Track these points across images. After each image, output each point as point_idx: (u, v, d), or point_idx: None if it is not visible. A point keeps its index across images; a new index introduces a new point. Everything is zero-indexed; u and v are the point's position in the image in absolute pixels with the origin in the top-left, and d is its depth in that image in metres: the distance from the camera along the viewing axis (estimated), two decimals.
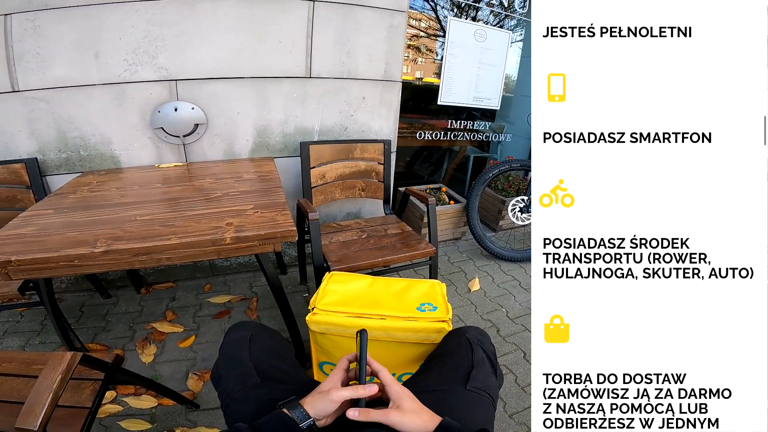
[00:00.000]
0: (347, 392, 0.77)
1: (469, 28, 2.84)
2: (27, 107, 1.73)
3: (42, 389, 0.84)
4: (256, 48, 1.96)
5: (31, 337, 1.89)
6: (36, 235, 1.20)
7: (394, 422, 0.73)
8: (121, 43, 1.74)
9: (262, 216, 1.37)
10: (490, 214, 3.39)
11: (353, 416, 0.74)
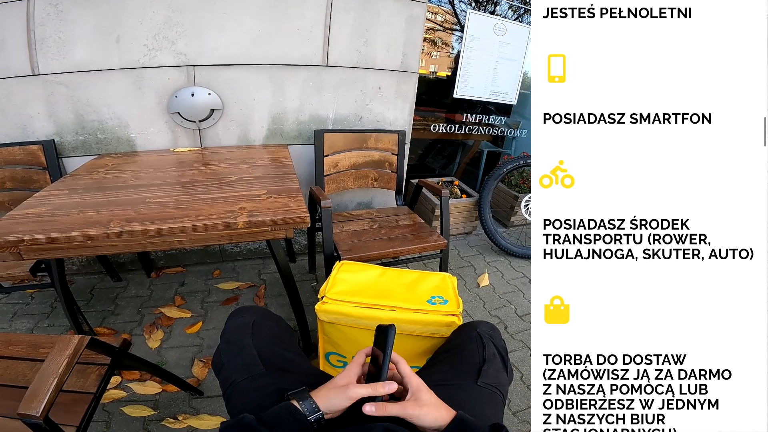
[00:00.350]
0: (365, 390, 0.75)
1: (489, 21, 2.80)
2: (46, 90, 1.74)
3: (47, 374, 0.83)
4: (274, 35, 1.95)
5: (41, 320, 1.91)
6: (50, 215, 1.20)
7: (411, 415, 0.72)
8: (141, 28, 1.75)
9: (275, 201, 1.36)
10: (503, 209, 3.36)
11: (370, 411, 0.72)
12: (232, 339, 0.95)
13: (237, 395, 0.86)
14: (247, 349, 0.91)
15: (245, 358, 0.90)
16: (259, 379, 0.87)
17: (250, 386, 0.86)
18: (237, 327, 0.98)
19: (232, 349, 0.93)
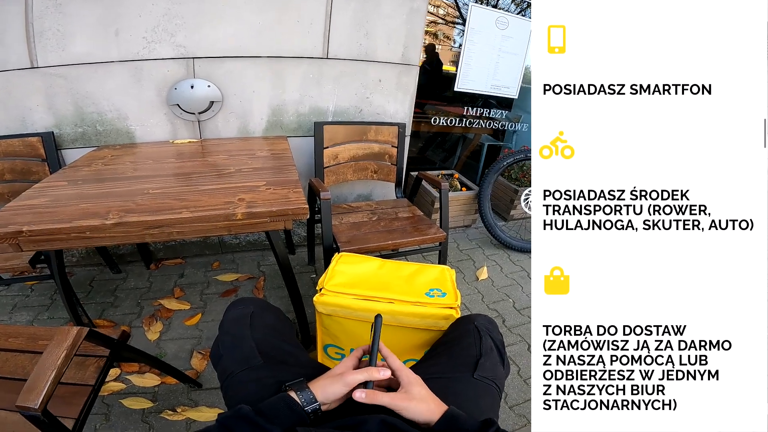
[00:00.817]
0: (361, 375, 0.76)
1: (491, 14, 2.79)
2: (45, 83, 1.74)
3: (45, 366, 0.83)
4: (274, 27, 1.94)
5: (40, 312, 1.91)
6: (48, 206, 1.20)
7: (400, 407, 0.72)
8: (140, 20, 1.74)
9: (275, 193, 1.36)
10: (502, 203, 3.36)
11: (360, 397, 0.73)
12: (230, 331, 0.95)
13: (235, 387, 0.87)
14: (245, 341, 0.91)
15: (243, 349, 0.90)
16: (257, 371, 0.87)
17: (247, 378, 0.86)
18: (235, 318, 0.97)
19: (231, 341, 0.93)
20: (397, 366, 0.79)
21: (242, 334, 0.93)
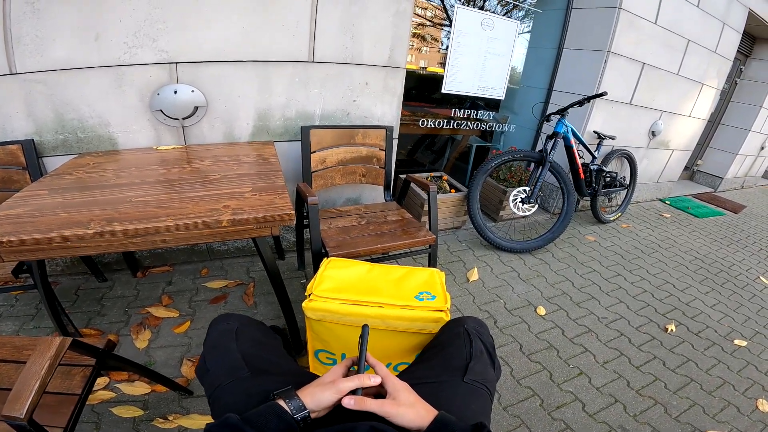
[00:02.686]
0: (352, 382, 0.76)
1: (477, 16, 2.80)
2: (24, 89, 1.70)
3: (29, 376, 0.82)
4: (259, 31, 1.92)
5: (26, 322, 1.87)
6: (29, 216, 1.17)
7: (389, 413, 0.72)
8: (121, 25, 1.71)
9: (260, 199, 1.35)
10: (491, 204, 3.37)
11: (348, 404, 0.73)
12: (216, 344, 0.95)
13: (223, 398, 0.86)
14: (231, 353, 0.91)
15: (230, 361, 0.90)
16: (244, 382, 0.87)
17: (235, 389, 0.86)
18: (221, 333, 0.98)
19: (217, 354, 0.93)
20: (384, 373, 0.79)
21: (228, 347, 0.93)
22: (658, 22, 3.25)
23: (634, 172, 3.90)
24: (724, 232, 4.16)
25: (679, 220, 4.32)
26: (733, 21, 3.93)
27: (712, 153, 5.99)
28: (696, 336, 2.30)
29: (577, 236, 3.43)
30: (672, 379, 1.95)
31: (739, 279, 3.12)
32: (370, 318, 1.22)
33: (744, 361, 2.16)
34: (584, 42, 3.24)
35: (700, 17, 3.57)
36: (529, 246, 2.94)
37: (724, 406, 1.83)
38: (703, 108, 4.35)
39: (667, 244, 3.58)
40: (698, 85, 4.05)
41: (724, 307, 2.67)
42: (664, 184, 4.80)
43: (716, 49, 3.94)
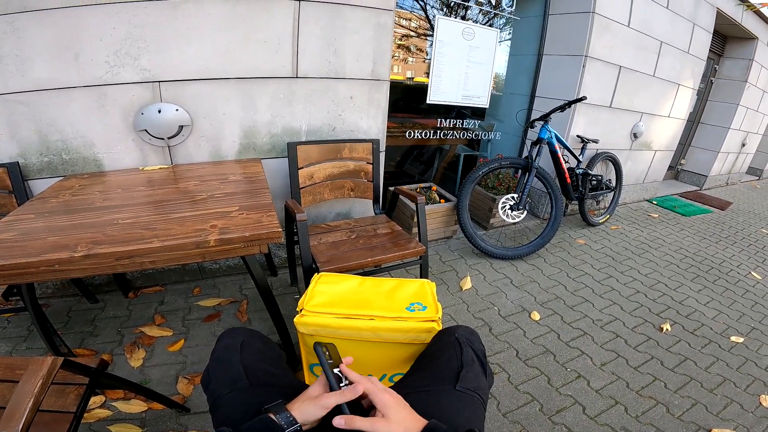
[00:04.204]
0: (335, 398, 0.77)
1: (457, 26, 2.84)
2: (7, 110, 1.69)
3: (23, 394, 0.83)
4: (241, 48, 1.94)
5: (18, 343, 1.85)
6: (17, 240, 1.17)
7: (380, 431, 0.72)
8: (101, 44, 1.72)
9: (247, 218, 1.35)
10: (481, 212, 3.39)
11: (339, 424, 0.73)
12: (220, 357, 0.97)
13: (222, 408, 0.88)
14: (233, 366, 0.93)
15: (231, 373, 0.92)
16: (243, 392, 0.88)
17: (234, 399, 0.88)
18: (226, 347, 0.99)
19: (220, 366, 0.95)
20: (370, 389, 0.79)
21: (231, 359, 0.95)
22: (631, 24, 3.33)
23: (619, 174, 3.95)
24: (713, 230, 4.21)
25: (667, 219, 4.37)
26: (702, 21, 4.03)
27: (695, 152, 6.09)
28: (692, 334, 2.32)
29: (568, 240, 3.45)
30: (671, 378, 1.95)
31: (730, 275, 3.16)
32: (363, 331, 1.22)
33: (742, 357, 2.17)
34: (562, 47, 3.30)
35: (670, 18, 3.65)
36: (520, 252, 2.96)
37: (727, 404, 1.83)
38: (682, 108, 4.43)
39: (656, 243, 3.62)
40: (674, 86, 4.14)
41: (717, 304, 2.69)
42: (650, 184, 4.87)
43: (689, 49, 4.04)
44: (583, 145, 3.48)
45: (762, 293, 2.93)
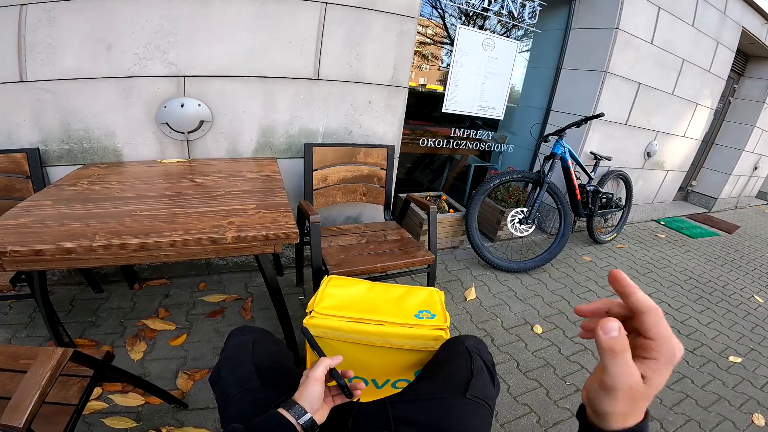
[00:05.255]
0: (319, 367, 0.82)
1: (478, 36, 2.85)
2: (33, 97, 1.72)
3: (30, 385, 0.83)
4: (266, 48, 1.96)
5: (18, 330, 1.85)
6: (33, 226, 1.18)
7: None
8: (133, 37, 1.74)
9: (264, 216, 1.36)
10: (489, 224, 3.39)
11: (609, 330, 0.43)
12: (231, 356, 0.98)
13: (232, 408, 0.89)
14: (244, 365, 0.94)
15: (242, 373, 0.93)
16: (254, 392, 0.89)
17: (244, 399, 0.88)
18: (237, 345, 1.00)
19: (231, 365, 0.95)
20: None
21: (242, 358, 0.96)
22: (654, 41, 3.32)
23: (629, 193, 3.93)
24: (719, 253, 4.19)
25: (673, 240, 4.35)
26: (726, 40, 4.01)
27: (706, 173, 6.05)
28: (691, 353, 2.32)
29: (573, 256, 3.44)
30: (667, 395, 1.95)
31: (733, 298, 3.14)
32: (372, 335, 1.23)
33: (739, 377, 2.17)
34: (582, 62, 3.30)
35: (694, 36, 3.64)
36: (526, 266, 2.96)
37: (720, 421, 1.84)
38: (698, 128, 4.41)
39: (662, 264, 3.61)
40: (692, 105, 4.11)
41: (718, 325, 2.68)
42: (659, 204, 4.85)
43: (710, 68, 4.01)
44: (595, 162, 3.48)
45: (763, 316, 2.92)
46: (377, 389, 1.37)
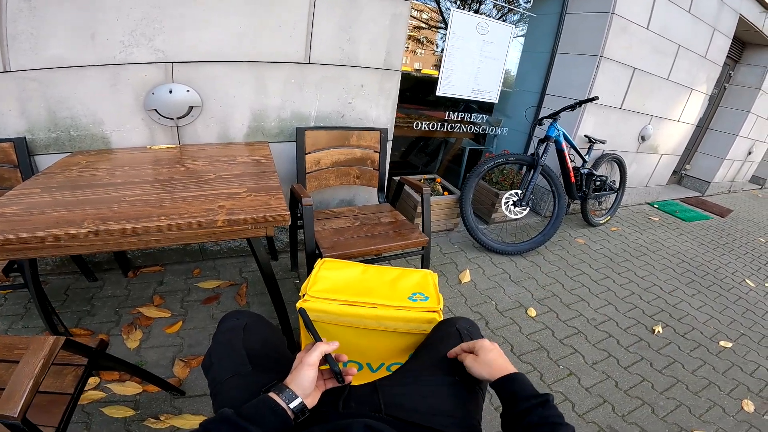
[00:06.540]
0: (315, 352, 0.82)
1: (472, 20, 2.82)
2: (18, 87, 1.68)
3: (23, 375, 0.82)
4: (256, 32, 1.93)
5: (15, 321, 1.84)
6: (22, 215, 1.16)
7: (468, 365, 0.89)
8: (118, 24, 1.70)
9: (255, 199, 1.35)
10: (484, 206, 3.40)
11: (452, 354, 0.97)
12: (222, 341, 0.97)
13: (223, 393, 0.88)
14: (236, 350, 0.93)
15: (234, 357, 0.92)
16: (246, 377, 0.89)
17: (236, 384, 0.88)
18: (229, 329, 0.99)
19: (222, 350, 0.95)
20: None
21: (235, 343, 0.95)
22: (650, 27, 3.30)
23: (623, 176, 3.94)
24: (711, 236, 4.22)
25: (667, 223, 4.38)
26: (723, 26, 4.00)
27: (700, 158, 6.07)
28: (682, 337, 2.34)
29: (568, 239, 3.46)
30: (659, 379, 1.98)
31: (725, 282, 3.17)
32: (365, 318, 1.22)
33: (729, 362, 2.20)
34: (577, 46, 3.27)
35: (691, 22, 3.62)
36: (520, 248, 2.97)
37: (710, 407, 1.87)
38: (692, 113, 4.41)
39: (655, 247, 3.63)
40: (687, 90, 4.11)
41: (710, 309, 2.71)
42: (653, 188, 4.86)
43: (706, 54, 4.01)
44: (590, 145, 3.48)
45: (754, 300, 2.95)
46: (372, 373, 1.38)
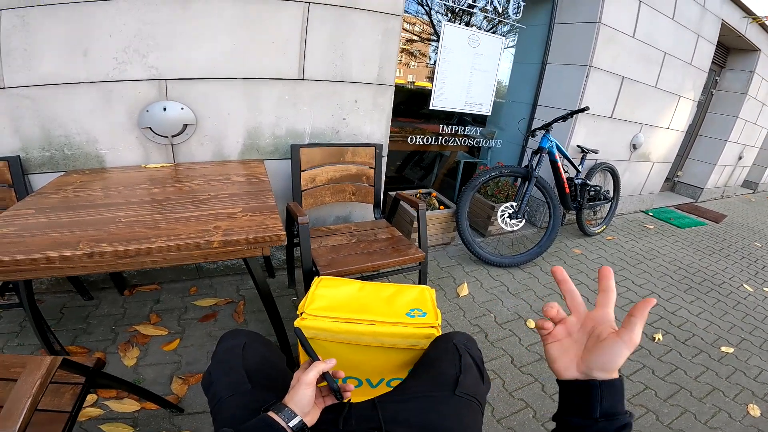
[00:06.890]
0: (312, 371, 0.81)
1: (463, 33, 2.85)
2: (11, 104, 1.68)
3: (21, 393, 0.82)
4: (249, 49, 1.94)
5: (10, 339, 1.83)
6: (16, 236, 1.16)
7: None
8: (111, 41, 1.71)
9: (251, 220, 1.35)
10: (480, 219, 3.40)
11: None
12: (222, 359, 0.97)
13: (223, 412, 0.88)
14: (235, 369, 0.94)
15: (233, 376, 0.92)
16: (246, 396, 0.89)
17: (236, 403, 0.88)
18: (228, 348, 0.99)
19: (222, 368, 0.95)
20: None
21: (234, 362, 0.95)
22: (636, 35, 3.35)
23: (617, 185, 3.97)
24: (707, 242, 4.24)
25: (662, 231, 4.40)
26: (706, 32, 4.06)
27: (692, 164, 6.13)
28: (683, 344, 2.34)
29: (564, 249, 3.46)
30: (662, 387, 1.97)
31: (723, 287, 3.18)
32: (364, 335, 1.22)
33: (732, 367, 2.19)
34: (567, 57, 3.32)
35: (675, 30, 3.68)
36: (517, 260, 2.97)
37: (715, 412, 1.86)
38: (681, 120, 4.46)
39: (651, 255, 3.64)
40: (675, 97, 4.16)
41: (709, 315, 2.71)
42: (647, 195, 4.89)
43: (692, 60, 4.06)
44: (582, 155, 3.50)
45: (753, 305, 2.96)
46: (372, 388, 1.37)
